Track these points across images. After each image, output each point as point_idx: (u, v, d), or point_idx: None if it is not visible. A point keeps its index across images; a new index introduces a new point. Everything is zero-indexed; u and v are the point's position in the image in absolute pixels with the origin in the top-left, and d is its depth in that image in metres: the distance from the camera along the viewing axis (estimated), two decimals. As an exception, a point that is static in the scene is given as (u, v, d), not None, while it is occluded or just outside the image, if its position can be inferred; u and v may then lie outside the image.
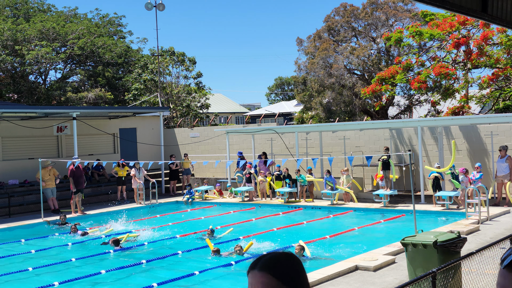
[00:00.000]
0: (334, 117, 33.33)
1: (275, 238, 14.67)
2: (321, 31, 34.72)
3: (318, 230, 15.23)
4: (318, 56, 32.80)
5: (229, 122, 51.47)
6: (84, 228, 16.61)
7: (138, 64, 39.80)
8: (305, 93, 36.11)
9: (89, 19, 44.64)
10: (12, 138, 23.28)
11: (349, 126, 21.68)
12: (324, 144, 22.67)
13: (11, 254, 13.53)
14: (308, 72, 34.71)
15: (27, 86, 38.83)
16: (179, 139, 27.98)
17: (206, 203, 21.55)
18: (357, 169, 21.99)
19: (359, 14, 33.50)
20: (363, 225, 15.75)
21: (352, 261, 10.86)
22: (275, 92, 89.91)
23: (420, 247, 8.88)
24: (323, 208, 18.96)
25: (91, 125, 24.86)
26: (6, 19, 40.92)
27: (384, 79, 25.30)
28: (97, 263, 12.43)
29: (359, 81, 32.95)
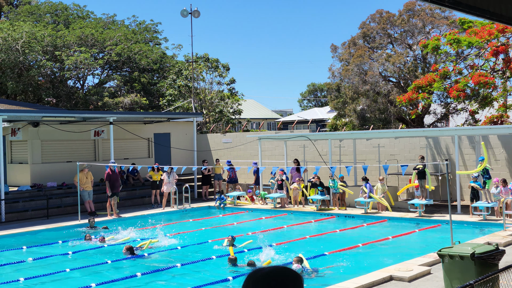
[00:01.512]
0: (368, 124, 33.06)
1: (307, 246, 14.62)
2: (356, 37, 34.54)
3: (351, 239, 15.10)
4: (353, 62, 32.62)
5: (261, 128, 51.54)
6: (111, 232, 16.68)
7: (173, 70, 40.25)
8: (338, 99, 35.94)
9: (126, 26, 45.40)
10: (51, 142, 23.79)
11: (383, 134, 21.47)
12: (358, 152, 22.50)
13: (49, 255, 13.79)
14: (342, 78, 34.55)
15: (65, 91, 39.65)
16: (212, 144, 28.15)
17: (238, 209, 21.60)
18: (391, 178, 21.74)
19: (395, 20, 33.20)
20: (397, 234, 15.55)
21: (386, 271, 10.73)
22: (307, 99, 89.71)
23: (457, 258, 8.74)
24: (356, 216, 18.80)
25: (127, 130, 25.22)
26: (46, 25, 41.93)
27: (421, 87, 24.98)
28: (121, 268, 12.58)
29: (394, 88, 32.63)
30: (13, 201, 20.05)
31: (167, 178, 21.62)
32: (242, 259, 12.45)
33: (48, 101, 40.50)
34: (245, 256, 12.94)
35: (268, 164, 24.40)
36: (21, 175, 23.45)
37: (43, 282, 11.35)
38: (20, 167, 23.68)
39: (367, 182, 19.27)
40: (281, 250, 13.86)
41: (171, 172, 21.67)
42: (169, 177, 21.63)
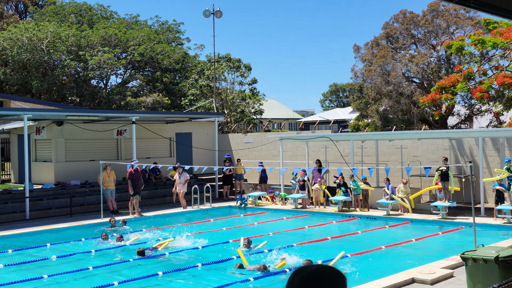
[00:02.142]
0: (391, 125, 32.81)
1: (328, 247, 14.56)
2: (379, 38, 34.31)
3: (373, 241, 15.00)
4: (376, 63, 32.40)
5: (283, 128, 51.50)
6: (128, 231, 16.75)
7: (195, 70, 40.42)
8: (361, 100, 35.73)
9: (149, 26, 45.75)
10: (75, 140, 24.07)
11: (406, 135, 21.27)
12: (380, 153, 22.34)
13: (72, 253, 13.95)
14: (364, 79, 34.34)
15: (89, 90, 40.10)
16: (233, 144, 28.20)
17: (259, 209, 21.59)
18: (414, 180, 21.54)
19: (419, 21, 32.90)
20: (420, 237, 15.40)
21: (408, 274, 10.63)
22: (329, 99, 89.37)
23: (481, 262, 8.63)
24: (378, 218, 18.67)
25: (149, 129, 25.41)
26: (71, 25, 42.45)
27: (444, 87, 24.70)
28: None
29: (417, 89, 32.34)
30: (37, 198, 20.32)
31: (178, 178, 21.59)
32: (258, 261, 12.39)
33: (72, 100, 41.01)
34: (255, 257, 12.91)
35: (290, 164, 24.36)
36: (45, 173, 23.77)
37: (66, 279, 11.47)
38: (44, 165, 24.00)
39: (389, 183, 19.14)
40: (302, 251, 13.83)
41: (182, 172, 21.61)
42: (180, 177, 21.60)
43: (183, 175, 21.55)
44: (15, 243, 15.45)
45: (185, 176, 21.59)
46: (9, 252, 14.22)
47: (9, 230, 17.14)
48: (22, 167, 23.91)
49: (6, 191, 20.48)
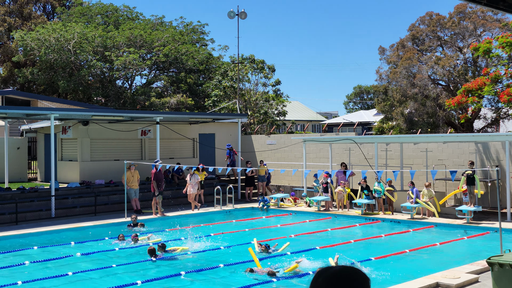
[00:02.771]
0: (416, 128, 32.49)
1: (351, 250, 14.47)
2: (404, 40, 34.02)
3: (397, 244, 14.86)
4: (401, 65, 32.13)
5: (306, 130, 51.37)
6: (147, 232, 16.78)
7: (219, 71, 40.56)
8: (385, 102, 35.47)
9: (174, 27, 46.05)
10: (100, 140, 24.34)
11: (432, 138, 21.03)
12: (405, 156, 22.13)
13: (96, 251, 14.09)
14: (389, 81, 34.08)
15: (114, 91, 40.53)
16: (256, 145, 28.21)
17: (281, 211, 21.55)
18: (439, 183, 21.29)
19: (446, 23, 32.54)
20: (444, 241, 15.21)
21: (432, 278, 10.51)
22: (353, 101, 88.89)
23: (508, 267, 8.48)
24: (402, 222, 18.49)
25: (173, 130, 25.56)
26: (97, 26, 42.96)
27: (471, 90, 24.39)
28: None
29: (443, 92, 31.98)
30: (63, 197, 20.58)
31: (189, 180, 21.30)
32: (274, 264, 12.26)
33: (98, 100, 41.49)
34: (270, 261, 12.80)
35: (313, 166, 24.27)
36: (70, 172, 24.07)
37: (90, 277, 11.60)
38: (70, 164, 24.31)
39: (413, 187, 18.94)
40: (324, 254, 13.77)
41: (193, 174, 21.32)
42: (190, 179, 21.28)
43: (194, 176, 21.32)
44: (41, 240, 15.67)
45: (196, 178, 21.36)
46: (34, 249, 14.43)
47: (35, 228, 17.39)
48: (48, 166, 24.26)
49: (33, 190, 20.79)
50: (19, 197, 19.78)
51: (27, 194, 20.27)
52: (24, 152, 26.22)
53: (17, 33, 39.90)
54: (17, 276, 11.57)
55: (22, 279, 11.19)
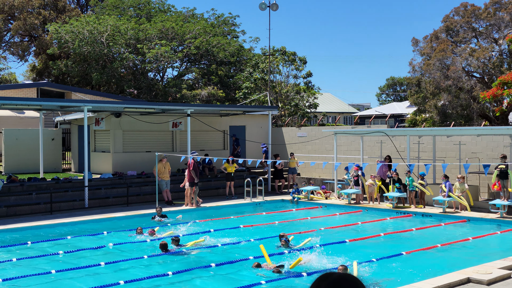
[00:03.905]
0: (449, 121, 31.97)
1: (382, 244, 14.38)
2: (438, 31, 33.43)
3: (428, 239, 14.70)
4: (435, 57, 31.60)
5: (337, 122, 51.04)
6: (166, 225, 16.78)
7: (250, 63, 40.55)
8: (418, 94, 34.97)
9: (205, 19, 46.18)
10: (132, 132, 24.66)
11: (465, 131, 20.67)
12: (438, 149, 21.81)
13: (128, 242, 14.30)
14: (423, 73, 33.58)
15: (146, 83, 40.93)
16: (286, 138, 28.17)
17: (312, 204, 21.51)
18: (472, 177, 20.93)
19: (481, 14, 31.84)
20: (477, 235, 14.97)
21: (463, 273, 10.37)
22: (386, 93, 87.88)
23: (542, 264, 8.31)
24: (434, 215, 18.26)
25: (204, 122, 25.71)
26: (130, 18, 43.38)
27: (506, 83, 23.83)
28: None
29: (478, 84, 31.36)
30: (96, 188, 20.94)
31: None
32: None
33: (130, 92, 41.96)
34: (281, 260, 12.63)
35: (344, 159, 24.14)
36: (103, 163, 24.46)
37: (122, 268, 11.78)
38: (102, 155, 24.70)
39: (447, 180, 18.67)
40: (354, 248, 13.72)
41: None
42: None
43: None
44: (75, 230, 15.98)
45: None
46: (68, 239, 14.73)
47: (69, 217, 17.75)
48: (82, 157, 24.69)
49: (67, 180, 21.20)
50: (54, 187, 20.20)
51: (61, 185, 20.69)
52: (58, 143, 26.72)
53: (52, 26, 40.57)
54: (51, 265, 11.84)
55: (56, 268, 11.44)
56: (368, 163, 21.54)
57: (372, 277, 10.74)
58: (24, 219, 17.44)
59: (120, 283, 10.27)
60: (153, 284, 10.47)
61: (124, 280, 10.43)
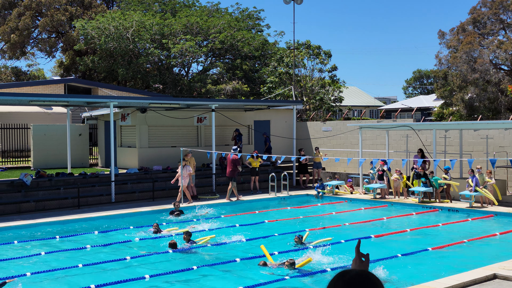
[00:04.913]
0: (477, 114, 31.50)
1: (407, 239, 14.28)
2: (465, 23, 32.91)
3: (454, 234, 14.54)
4: (461, 49, 31.14)
5: (363, 116, 50.68)
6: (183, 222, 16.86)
7: (274, 57, 40.48)
8: (445, 88, 34.51)
9: (230, 14, 46.23)
10: (157, 127, 24.86)
11: (493, 125, 20.34)
12: (465, 143, 21.52)
13: (155, 237, 14.46)
14: (449, 66, 33.12)
15: (171, 78, 41.20)
16: (311, 132, 28.08)
17: (337, 198, 21.43)
18: (500, 171, 20.60)
19: (509, 5, 31.23)
20: (505, 231, 14.76)
21: (490, 269, 10.24)
22: (413, 86, 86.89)
23: None
24: (460, 210, 18.05)
25: (228, 117, 25.77)
26: (155, 14, 43.67)
27: (535, 75, 23.37)
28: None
29: (506, 77, 30.80)
30: (122, 182, 21.18)
31: (180, 171, 19.82)
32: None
33: (155, 88, 42.28)
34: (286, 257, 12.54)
35: (369, 154, 23.99)
36: (129, 158, 24.73)
37: (150, 262, 11.91)
38: (128, 150, 24.97)
39: (474, 175, 18.42)
40: (380, 243, 13.65)
41: (185, 166, 19.87)
42: (181, 170, 19.79)
43: (185, 168, 19.82)
44: (102, 224, 16.19)
45: (187, 170, 19.88)
46: (95, 234, 14.95)
47: (96, 212, 18.00)
48: (108, 152, 25.00)
49: (94, 175, 21.50)
50: (81, 182, 20.50)
51: (88, 180, 20.98)
52: (85, 138, 27.09)
53: (78, 22, 41.08)
54: (78, 259, 12.04)
55: (83, 262, 11.64)
56: (393, 158, 21.36)
57: (397, 273, 10.68)
58: (52, 214, 17.75)
59: (146, 278, 10.40)
60: (181, 278, 10.58)
61: (150, 274, 10.56)
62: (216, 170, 23.23)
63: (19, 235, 14.83)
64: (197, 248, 12.94)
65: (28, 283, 10.21)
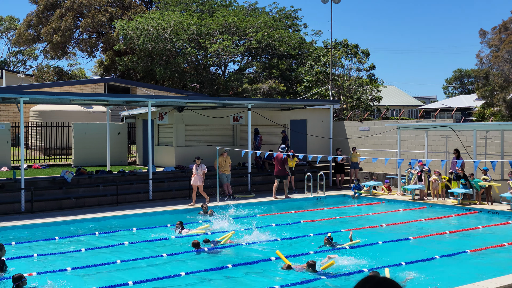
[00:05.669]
0: (519, 114, 30.72)
1: (446, 241, 14.02)
2: (507, 22, 32.10)
3: (494, 237, 14.21)
4: (504, 49, 30.39)
5: (401, 116, 49.99)
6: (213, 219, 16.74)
7: (311, 56, 40.31)
8: (486, 88, 33.75)
9: (267, 13, 46.27)
10: (194, 126, 25.07)
11: (536, 126, 19.79)
12: (506, 144, 20.99)
13: (192, 235, 14.56)
14: (491, 65, 32.38)
15: (208, 77, 41.48)
16: (348, 132, 27.84)
17: (374, 199, 21.20)
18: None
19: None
20: (548, 235, 14.34)
21: (532, 275, 9.96)
22: (453, 85, 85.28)
23: None
24: (501, 212, 17.61)
25: (264, 116, 25.78)
26: (192, 14, 44.05)
27: None
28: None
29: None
30: (159, 181, 21.43)
31: (195, 170, 19.31)
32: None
33: (192, 87, 42.65)
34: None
35: (408, 154, 23.65)
36: (166, 157, 25.00)
37: (186, 258, 12.02)
38: (165, 149, 25.25)
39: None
40: (418, 245, 13.45)
41: (200, 164, 19.40)
42: (197, 169, 19.32)
43: (200, 166, 19.28)
44: (140, 222, 16.42)
45: (202, 168, 19.29)
46: (133, 231, 15.17)
47: (134, 209, 18.26)
48: (146, 150, 25.33)
49: (132, 173, 21.82)
50: (120, 179, 20.83)
51: (126, 177, 21.30)
52: (124, 137, 27.51)
53: (118, 23, 41.75)
54: (116, 255, 12.24)
55: (121, 258, 11.82)
56: (432, 159, 21.00)
57: (435, 275, 10.50)
58: (92, 210, 18.09)
59: (181, 275, 10.50)
60: (212, 276, 10.64)
61: (185, 271, 10.66)
62: (252, 169, 23.26)
63: (60, 231, 15.17)
64: (227, 248, 12.96)
65: (68, 278, 10.43)
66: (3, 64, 69.52)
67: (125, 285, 9.88)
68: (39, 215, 17.12)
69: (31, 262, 11.66)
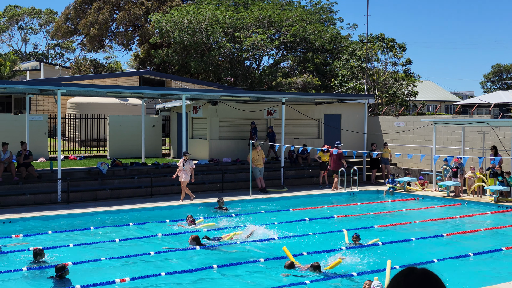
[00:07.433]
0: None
1: (481, 239, 13.77)
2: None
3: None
4: (546, 42, 29.54)
5: (438, 111, 49.19)
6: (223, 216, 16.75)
7: (347, 50, 39.95)
8: (526, 83, 32.89)
9: (302, 7, 46.04)
10: (228, 120, 25.15)
11: None
12: (546, 141, 20.45)
13: (222, 228, 14.65)
14: (532, 60, 31.51)
15: (242, 71, 41.55)
16: (383, 127, 27.52)
17: (408, 195, 20.93)
18: None
19: None
20: None
21: None
22: (491, 81, 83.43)
23: None
24: (540, 211, 17.18)
25: (298, 110, 25.68)
26: (227, 7, 44.14)
27: None
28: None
29: None
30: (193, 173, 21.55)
31: (182, 165, 18.46)
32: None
33: (227, 80, 42.80)
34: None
35: (443, 150, 23.26)
36: (200, 150, 25.16)
37: (214, 252, 12.10)
38: (199, 142, 25.41)
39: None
40: (452, 242, 13.25)
41: (187, 160, 18.52)
42: (184, 165, 18.43)
43: (188, 162, 18.45)
44: (173, 214, 16.59)
45: (190, 164, 18.47)
46: (166, 222, 15.33)
47: (167, 201, 18.45)
48: (180, 143, 25.53)
49: (166, 165, 22.04)
50: (154, 172, 21.07)
51: (161, 170, 21.53)
52: (158, 129, 27.79)
53: (154, 16, 42.16)
54: (148, 247, 12.40)
55: (154, 250, 11.97)
56: (469, 155, 20.61)
57: (468, 272, 10.33)
58: (127, 202, 18.37)
59: (214, 267, 10.59)
60: (243, 270, 10.69)
61: (218, 264, 10.74)
62: (285, 163, 23.23)
63: (96, 221, 15.45)
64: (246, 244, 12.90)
65: (103, 268, 10.62)
66: (42, 56, 71.07)
67: (158, 275, 10.02)
68: (74, 206, 17.47)
69: (67, 252, 11.91)
